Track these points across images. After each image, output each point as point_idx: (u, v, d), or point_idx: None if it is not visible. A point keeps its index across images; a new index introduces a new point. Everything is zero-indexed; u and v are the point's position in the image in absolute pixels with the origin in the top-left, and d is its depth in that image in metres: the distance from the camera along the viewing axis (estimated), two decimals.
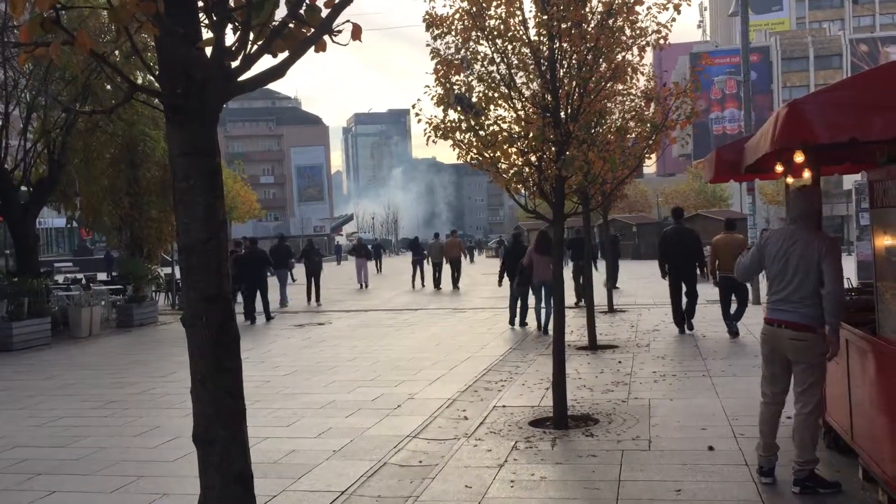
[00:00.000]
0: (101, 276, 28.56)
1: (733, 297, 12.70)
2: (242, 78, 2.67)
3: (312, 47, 2.55)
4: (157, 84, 2.79)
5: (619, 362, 10.52)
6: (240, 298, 18.28)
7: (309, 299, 22.89)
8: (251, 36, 2.51)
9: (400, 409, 8.35)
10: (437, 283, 26.94)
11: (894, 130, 4.25)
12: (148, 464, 6.72)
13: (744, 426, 6.80)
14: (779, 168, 6.79)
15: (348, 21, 2.51)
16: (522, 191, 7.65)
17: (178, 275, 22.36)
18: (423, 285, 28.03)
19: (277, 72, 2.61)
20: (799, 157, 5.47)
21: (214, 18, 2.54)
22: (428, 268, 28.20)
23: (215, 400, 2.87)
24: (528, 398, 8.57)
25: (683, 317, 13.30)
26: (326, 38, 2.58)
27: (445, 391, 9.16)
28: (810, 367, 5.30)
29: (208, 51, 2.59)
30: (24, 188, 17.70)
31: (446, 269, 27.12)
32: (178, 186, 2.74)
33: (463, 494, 5.50)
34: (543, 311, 13.92)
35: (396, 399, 8.84)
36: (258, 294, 18.53)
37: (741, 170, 6.68)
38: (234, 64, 2.62)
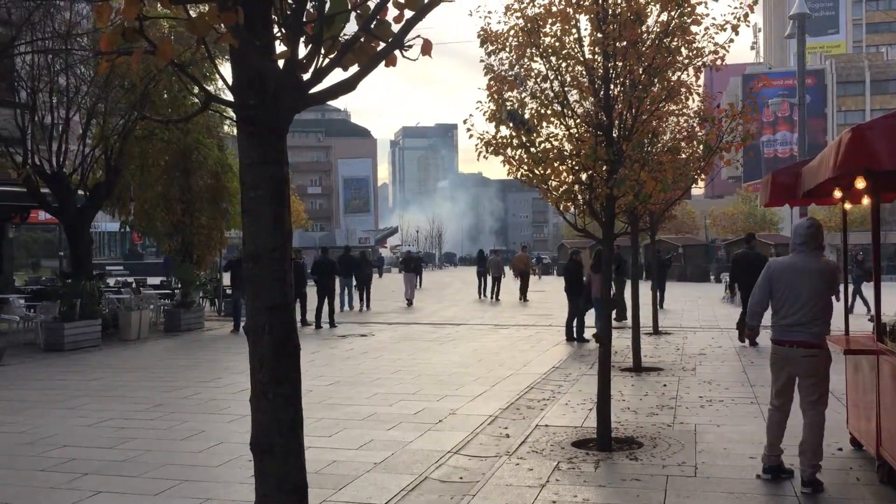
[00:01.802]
0: (156, 280, 29.12)
1: None
2: (313, 90, 2.68)
3: (382, 62, 2.57)
4: (225, 94, 2.83)
5: (665, 385, 10.36)
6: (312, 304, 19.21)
7: (362, 305, 24.81)
8: (322, 49, 2.54)
9: (441, 424, 8.33)
10: (495, 294, 28.97)
11: None
12: (192, 468, 6.80)
13: (793, 456, 6.60)
14: (837, 193, 6.66)
15: (419, 36, 2.53)
16: (571, 209, 7.60)
17: (225, 282, 22.81)
18: (485, 296, 29.73)
19: (348, 85, 2.63)
20: (860, 183, 5.37)
21: (287, 31, 2.57)
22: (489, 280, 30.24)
23: (275, 409, 2.84)
24: (570, 418, 8.49)
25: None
26: (397, 52, 2.60)
27: (487, 408, 9.11)
28: (819, 380, 5.91)
29: (280, 63, 2.62)
30: (80, 192, 18.11)
31: (508, 282, 29.78)
32: (246, 196, 2.75)
33: None
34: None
35: (438, 414, 8.83)
36: (313, 301, 19.20)
37: (797, 194, 6.56)
38: (306, 77, 2.63)
